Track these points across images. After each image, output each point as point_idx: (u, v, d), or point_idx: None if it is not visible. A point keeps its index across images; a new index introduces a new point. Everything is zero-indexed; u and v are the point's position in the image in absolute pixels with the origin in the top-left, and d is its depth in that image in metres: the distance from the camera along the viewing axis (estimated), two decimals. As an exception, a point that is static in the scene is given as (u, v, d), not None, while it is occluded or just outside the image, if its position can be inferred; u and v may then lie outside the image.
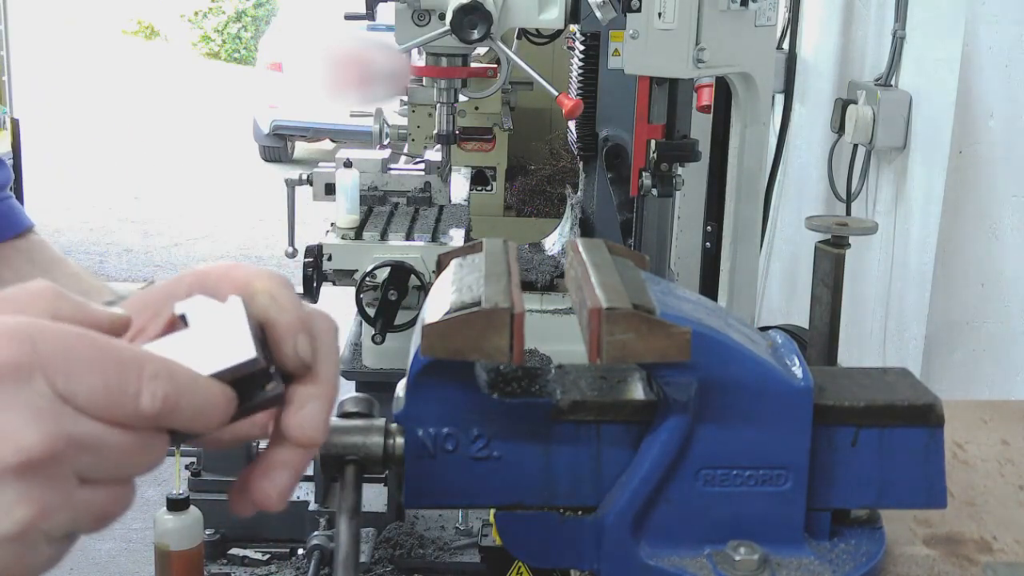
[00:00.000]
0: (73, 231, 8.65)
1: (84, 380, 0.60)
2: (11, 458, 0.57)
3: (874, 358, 3.21)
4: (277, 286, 0.71)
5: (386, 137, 3.55)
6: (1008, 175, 2.52)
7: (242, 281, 0.71)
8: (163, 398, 0.62)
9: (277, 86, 10.49)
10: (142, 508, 4.45)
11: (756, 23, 2.62)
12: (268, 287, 0.70)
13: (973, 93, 2.66)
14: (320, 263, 2.70)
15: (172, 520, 2.35)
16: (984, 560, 0.97)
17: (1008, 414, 1.30)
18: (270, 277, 0.72)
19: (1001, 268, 2.52)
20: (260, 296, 0.70)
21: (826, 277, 1.21)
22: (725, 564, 0.88)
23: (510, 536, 0.91)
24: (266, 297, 0.70)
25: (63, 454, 0.58)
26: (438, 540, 2.64)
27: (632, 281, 0.87)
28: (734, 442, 0.88)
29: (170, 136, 12.60)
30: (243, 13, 19.60)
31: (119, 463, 0.62)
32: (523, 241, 3.17)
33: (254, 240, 8.62)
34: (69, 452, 0.59)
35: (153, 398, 0.62)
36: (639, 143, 2.71)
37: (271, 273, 0.73)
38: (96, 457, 0.60)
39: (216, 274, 0.72)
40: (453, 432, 0.88)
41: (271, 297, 0.70)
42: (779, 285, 4.31)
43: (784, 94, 3.91)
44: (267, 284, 0.71)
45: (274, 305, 0.69)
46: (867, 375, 0.95)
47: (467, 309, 0.81)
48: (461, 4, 2.50)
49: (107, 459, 0.61)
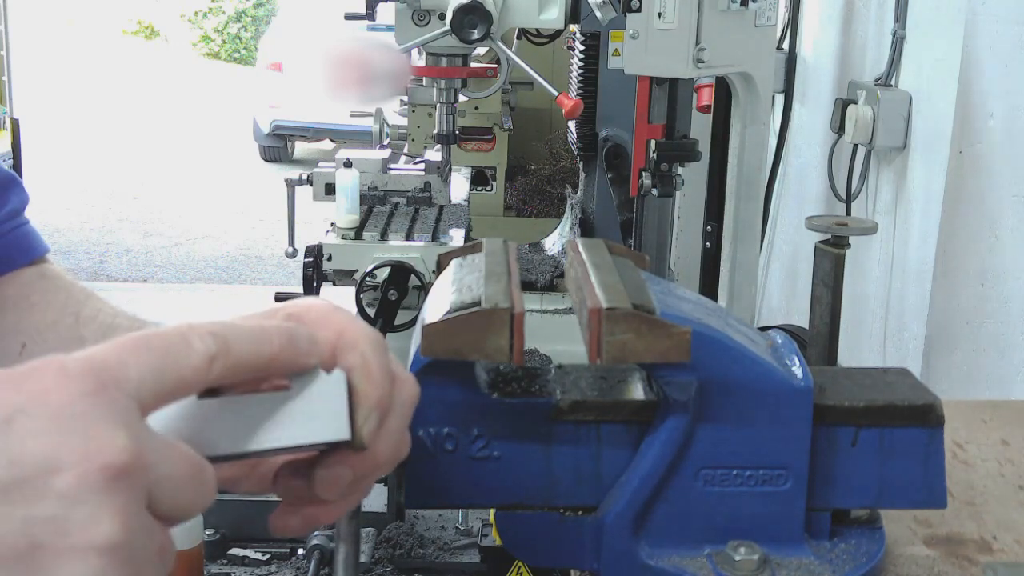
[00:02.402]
0: (73, 231, 8.65)
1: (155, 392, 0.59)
2: (102, 465, 0.54)
3: (874, 358, 3.21)
4: (372, 349, 0.70)
5: (386, 137, 3.55)
6: (1008, 175, 2.52)
7: (339, 331, 0.71)
8: None
9: (277, 86, 10.50)
10: (142, 508, 4.47)
11: (756, 23, 2.62)
12: (363, 349, 0.70)
13: (973, 93, 2.66)
14: (320, 263, 2.70)
15: (172, 520, 2.35)
16: (984, 560, 0.97)
17: (1008, 414, 1.30)
18: (367, 338, 0.71)
19: (1001, 268, 2.52)
20: (352, 356, 0.69)
21: (826, 277, 1.21)
22: (725, 564, 0.88)
23: (510, 536, 0.91)
24: (358, 359, 0.69)
25: (143, 469, 0.56)
26: (438, 540, 2.64)
27: (632, 281, 0.87)
28: (734, 442, 0.88)
29: (170, 136, 12.60)
30: (243, 13, 19.60)
31: (176, 492, 0.59)
32: (523, 241, 3.17)
33: (254, 240, 8.62)
34: (144, 469, 0.56)
35: None
36: (639, 143, 2.71)
37: (369, 332, 0.72)
38: (161, 480, 0.58)
39: (314, 317, 0.71)
40: (453, 432, 0.88)
41: (363, 361, 0.69)
42: (779, 285, 4.30)
43: (784, 94, 3.91)
44: (363, 345, 0.70)
45: (363, 371, 0.69)
46: (867, 375, 0.95)
47: (467, 309, 0.81)
48: (461, 4, 2.50)
49: (167, 486, 0.58)
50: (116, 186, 10.23)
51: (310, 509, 0.71)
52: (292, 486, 0.71)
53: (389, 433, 0.71)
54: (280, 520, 0.72)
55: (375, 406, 0.69)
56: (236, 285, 7.56)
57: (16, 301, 0.99)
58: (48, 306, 0.97)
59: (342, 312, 0.73)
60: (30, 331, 0.94)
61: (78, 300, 0.97)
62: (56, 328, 0.93)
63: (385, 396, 0.70)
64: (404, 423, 0.73)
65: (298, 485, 0.70)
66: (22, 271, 1.03)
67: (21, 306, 0.98)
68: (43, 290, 1.00)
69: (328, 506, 0.72)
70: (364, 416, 0.68)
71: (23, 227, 1.06)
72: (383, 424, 0.70)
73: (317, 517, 0.72)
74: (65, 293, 0.99)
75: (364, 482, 0.72)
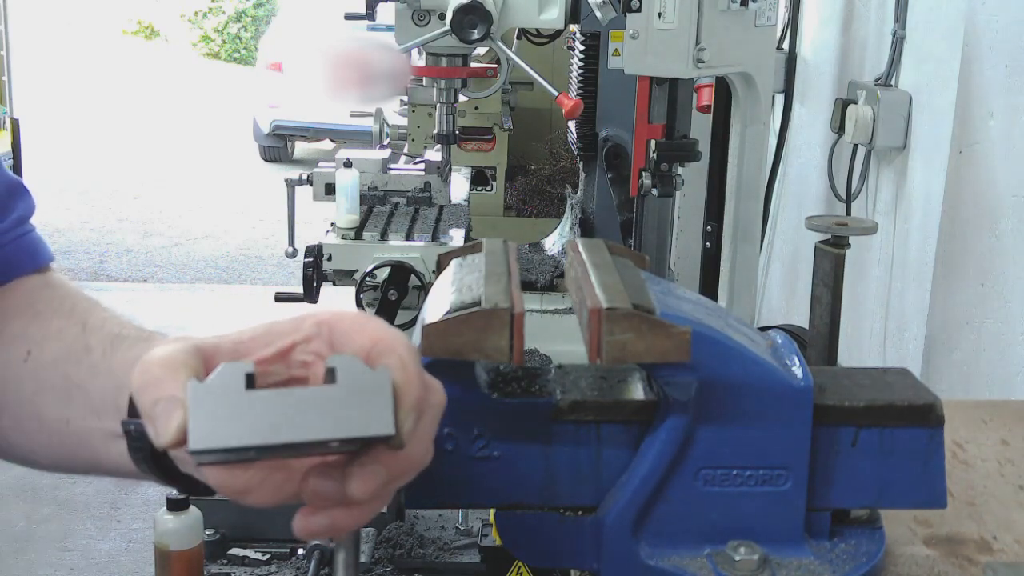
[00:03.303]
0: (73, 231, 8.65)
1: None
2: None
3: (874, 358, 3.20)
4: (408, 354, 0.73)
5: (386, 137, 3.55)
6: (1008, 175, 2.51)
7: (374, 338, 0.73)
8: None
9: (277, 86, 10.49)
10: (142, 508, 4.44)
11: (756, 23, 2.61)
12: (401, 354, 0.72)
13: (973, 93, 2.66)
14: (320, 263, 2.69)
15: (172, 520, 2.35)
16: (984, 560, 0.97)
17: (1008, 414, 1.30)
18: (403, 344, 0.74)
19: (1001, 268, 2.52)
20: (390, 359, 0.72)
21: (826, 277, 1.21)
22: (725, 564, 0.88)
23: (510, 536, 0.91)
24: (397, 362, 0.71)
25: None
26: (438, 540, 2.64)
27: (632, 281, 0.87)
28: (734, 442, 0.88)
29: (170, 136, 12.59)
30: (243, 13, 19.59)
31: None
32: (523, 241, 3.17)
33: (254, 240, 8.62)
34: None
35: None
36: (639, 143, 2.71)
37: (403, 339, 0.74)
38: None
39: (347, 325, 0.74)
40: (453, 432, 0.88)
41: (402, 365, 0.71)
42: (779, 285, 4.30)
43: (784, 94, 3.91)
44: (400, 351, 0.73)
45: (403, 375, 0.71)
46: (867, 375, 0.95)
47: (467, 309, 0.81)
48: (461, 4, 2.50)
49: None
50: (116, 186, 10.23)
51: (337, 511, 0.72)
52: (320, 489, 0.71)
53: (421, 436, 0.73)
54: (305, 520, 0.73)
55: (414, 406, 0.71)
56: (236, 285, 7.55)
57: (21, 308, 0.98)
58: (54, 314, 0.96)
59: (375, 320, 0.75)
60: (35, 338, 0.94)
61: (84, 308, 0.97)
62: (62, 336, 0.93)
63: (422, 398, 0.72)
64: (434, 428, 0.75)
65: (327, 487, 0.71)
66: (27, 278, 1.02)
67: (26, 313, 0.97)
68: (48, 298, 0.99)
69: (356, 508, 0.72)
70: (404, 415, 0.70)
71: (29, 235, 1.05)
72: (418, 426, 0.72)
73: (343, 520, 0.72)
74: (71, 301, 0.98)
75: (394, 484, 0.73)
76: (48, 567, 3.94)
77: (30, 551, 4.03)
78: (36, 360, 0.93)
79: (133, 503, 4.33)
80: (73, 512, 4.27)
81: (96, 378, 0.87)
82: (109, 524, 4.21)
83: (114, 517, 4.26)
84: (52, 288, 1.01)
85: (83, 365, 0.89)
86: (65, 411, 0.89)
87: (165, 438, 0.70)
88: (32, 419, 0.92)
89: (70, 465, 0.94)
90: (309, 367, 0.74)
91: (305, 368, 0.74)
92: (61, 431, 0.90)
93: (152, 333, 0.91)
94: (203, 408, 0.68)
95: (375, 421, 0.69)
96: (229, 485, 0.72)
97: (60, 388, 0.90)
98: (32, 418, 0.92)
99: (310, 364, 0.74)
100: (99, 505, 4.31)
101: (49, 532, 4.15)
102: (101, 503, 4.32)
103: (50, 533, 4.14)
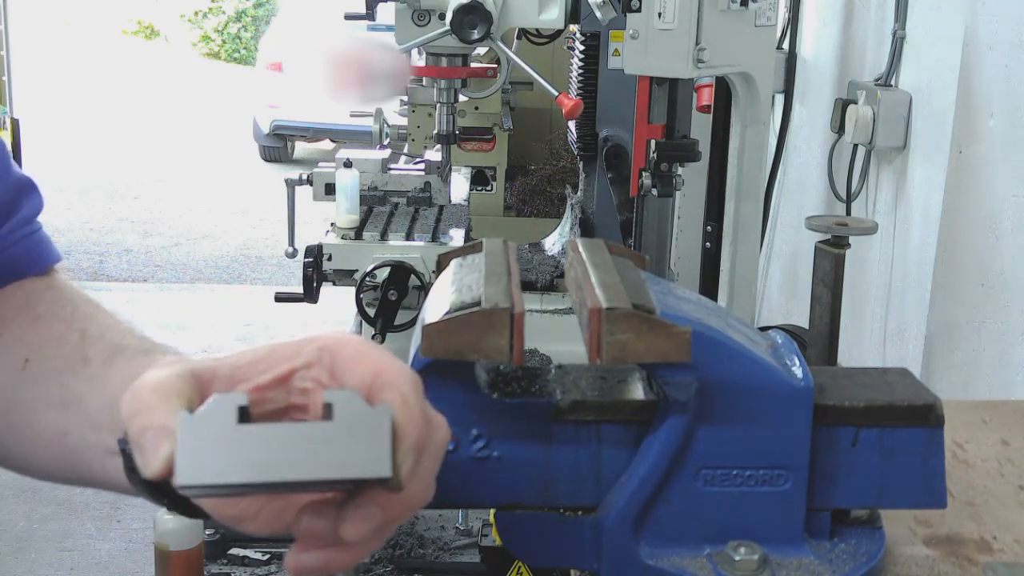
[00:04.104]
0: (73, 231, 8.65)
1: None
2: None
3: (874, 358, 3.20)
4: (411, 389, 0.69)
5: (386, 137, 3.55)
6: (1008, 175, 2.51)
7: (376, 370, 0.70)
8: None
9: (277, 86, 10.49)
10: (142, 508, 4.43)
11: (756, 23, 2.61)
12: (403, 390, 0.69)
13: (973, 93, 2.66)
14: (320, 263, 2.69)
15: (172, 520, 2.35)
16: (984, 560, 0.97)
17: (1008, 414, 1.30)
18: (407, 378, 0.70)
19: (1001, 268, 2.52)
20: (392, 395, 0.68)
21: (826, 277, 1.21)
22: (725, 564, 0.88)
23: (510, 536, 0.91)
24: (398, 398, 0.68)
25: None
26: (438, 540, 2.64)
27: (632, 281, 0.87)
28: (734, 442, 0.88)
29: (170, 136, 12.59)
30: (243, 13, 19.59)
31: None
32: (523, 241, 3.17)
33: (254, 240, 8.62)
34: None
35: None
36: (639, 143, 2.71)
37: (407, 372, 0.71)
38: None
39: (350, 353, 0.71)
40: (453, 432, 0.88)
41: (403, 403, 0.68)
42: (779, 285, 4.30)
43: (784, 94, 3.91)
44: (403, 387, 0.69)
45: (404, 413, 0.68)
46: (867, 375, 0.95)
47: (467, 309, 0.81)
48: (461, 4, 2.50)
49: None
50: (116, 186, 10.23)
51: (329, 551, 0.70)
52: (313, 528, 0.69)
53: (421, 476, 0.70)
54: (296, 558, 0.70)
55: (413, 447, 0.67)
56: (236, 285, 7.55)
57: (21, 312, 0.95)
58: (54, 319, 0.93)
59: (379, 350, 0.72)
60: (34, 345, 0.91)
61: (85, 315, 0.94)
62: (60, 344, 0.90)
63: (423, 437, 0.69)
64: (436, 467, 0.72)
65: (320, 526, 0.69)
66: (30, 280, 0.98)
67: (26, 318, 0.94)
68: (50, 301, 0.96)
69: (348, 549, 0.70)
70: (403, 456, 0.67)
71: (35, 234, 1.01)
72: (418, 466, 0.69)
73: (336, 560, 0.70)
74: (72, 306, 0.95)
75: (390, 526, 0.71)
76: (48, 567, 3.94)
77: (30, 551, 4.03)
78: (34, 369, 0.91)
79: (133, 503, 4.32)
80: (73, 512, 4.27)
81: (93, 391, 0.85)
82: (109, 524, 4.22)
83: (114, 517, 4.26)
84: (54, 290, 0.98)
85: (81, 376, 0.87)
86: (62, 422, 0.87)
87: (151, 469, 0.68)
88: (29, 428, 0.90)
89: (66, 476, 0.92)
90: (308, 394, 0.71)
91: (304, 395, 0.72)
92: (59, 443, 0.88)
93: (154, 345, 0.88)
94: (192, 441, 0.65)
95: (372, 462, 0.65)
96: (224, 513, 0.70)
97: (57, 399, 0.88)
98: (29, 427, 0.90)
99: (310, 391, 0.71)
100: (99, 505, 4.31)
101: (49, 532, 4.15)
102: (101, 503, 4.32)
103: (50, 533, 4.14)
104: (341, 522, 0.68)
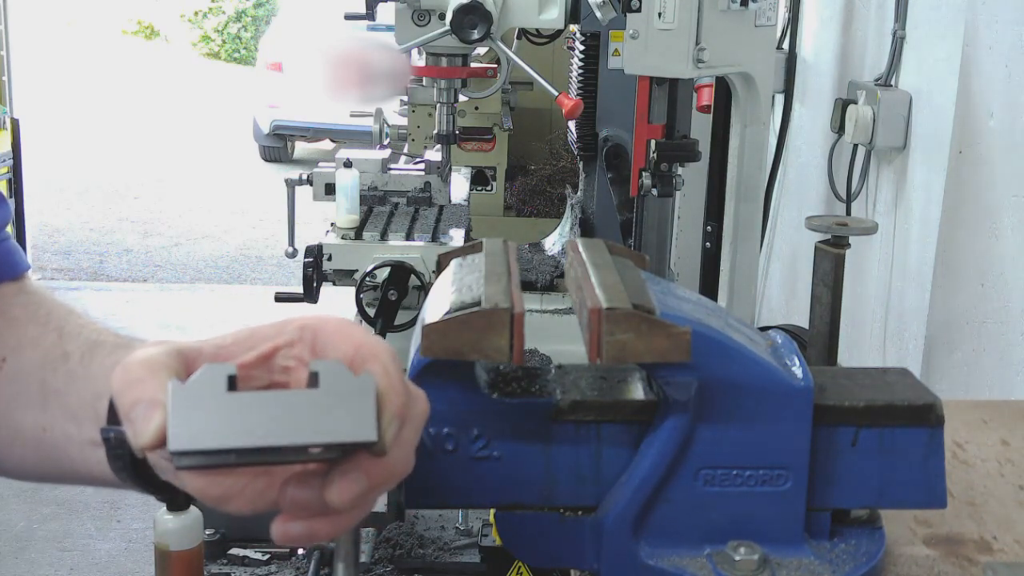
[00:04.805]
0: (73, 231, 8.65)
1: None
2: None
3: (874, 358, 3.20)
4: (391, 361, 0.73)
5: (386, 137, 3.55)
6: (1008, 175, 2.51)
7: (357, 344, 0.73)
8: None
9: (277, 86, 10.49)
10: (142, 508, 4.43)
11: (756, 23, 2.61)
12: (384, 360, 0.72)
13: (973, 93, 2.66)
14: (320, 263, 2.69)
15: (172, 520, 2.35)
16: (984, 560, 0.97)
17: (1008, 414, 1.30)
18: (386, 351, 0.73)
19: (1001, 268, 2.51)
20: (373, 366, 0.71)
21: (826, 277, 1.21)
22: (725, 564, 0.88)
23: (510, 536, 0.91)
24: (380, 369, 0.71)
25: None
26: (438, 540, 2.64)
27: (632, 281, 0.87)
28: (734, 442, 0.88)
29: (170, 136, 12.59)
30: (243, 13, 19.59)
31: None
32: (523, 241, 3.17)
33: (254, 240, 8.62)
34: None
35: None
36: (639, 143, 2.71)
37: (386, 346, 0.74)
38: None
39: (330, 330, 0.74)
40: (453, 432, 0.88)
41: (385, 372, 0.71)
42: (779, 285, 4.30)
43: (784, 94, 3.91)
44: (383, 357, 0.72)
45: (386, 382, 0.71)
46: (867, 375, 0.95)
47: (467, 309, 0.81)
48: (461, 4, 2.49)
49: None
50: (116, 186, 10.23)
51: (315, 521, 0.72)
52: (299, 498, 0.71)
53: (403, 444, 0.72)
54: (283, 526, 0.72)
55: (397, 413, 0.70)
56: (236, 285, 7.55)
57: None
58: (30, 320, 0.94)
59: (358, 327, 0.75)
60: (11, 345, 0.92)
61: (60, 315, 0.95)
62: (38, 344, 0.91)
63: (404, 405, 0.71)
64: (417, 436, 0.75)
65: (305, 495, 0.70)
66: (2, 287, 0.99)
67: (1, 321, 0.95)
68: (24, 304, 0.97)
69: (334, 518, 0.72)
70: (388, 421, 0.69)
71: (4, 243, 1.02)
72: (400, 434, 0.71)
73: (321, 529, 0.72)
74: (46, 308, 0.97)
75: (374, 493, 0.73)
76: (48, 567, 3.94)
77: (30, 551, 4.03)
78: (12, 367, 0.91)
79: (133, 503, 4.32)
80: (73, 512, 4.27)
81: (74, 385, 0.86)
82: (109, 524, 4.22)
83: (114, 517, 4.26)
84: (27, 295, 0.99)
85: (60, 372, 0.88)
86: (42, 419, 0.88)
87: (143, 439, 0.69)
88: (8, 427, 0.91)
89: (47, 474, 0.92)
90: (291, 372, 0.74)
91: (287, 373, 0.74)
92: (38, 439, 0.88)
93: (131, 339, 0.89)
94: (183, 409, 0.67)
95: (358, 426, 0.68)
96: (209, 492, 0.71)
97: (37, 395, 0.88)
98: (8, 427, 0.91)
99: (292, 369, 0.74)
100: (99, 505, 4.31)
101: (49, 532, 4.15)
102: (101, 503, 4.32)
103: (50, 533, 4.14)
104: (327, 487, 0.70)
